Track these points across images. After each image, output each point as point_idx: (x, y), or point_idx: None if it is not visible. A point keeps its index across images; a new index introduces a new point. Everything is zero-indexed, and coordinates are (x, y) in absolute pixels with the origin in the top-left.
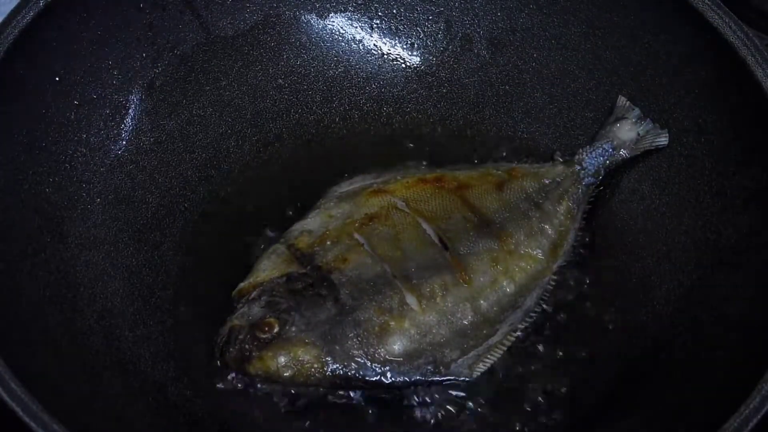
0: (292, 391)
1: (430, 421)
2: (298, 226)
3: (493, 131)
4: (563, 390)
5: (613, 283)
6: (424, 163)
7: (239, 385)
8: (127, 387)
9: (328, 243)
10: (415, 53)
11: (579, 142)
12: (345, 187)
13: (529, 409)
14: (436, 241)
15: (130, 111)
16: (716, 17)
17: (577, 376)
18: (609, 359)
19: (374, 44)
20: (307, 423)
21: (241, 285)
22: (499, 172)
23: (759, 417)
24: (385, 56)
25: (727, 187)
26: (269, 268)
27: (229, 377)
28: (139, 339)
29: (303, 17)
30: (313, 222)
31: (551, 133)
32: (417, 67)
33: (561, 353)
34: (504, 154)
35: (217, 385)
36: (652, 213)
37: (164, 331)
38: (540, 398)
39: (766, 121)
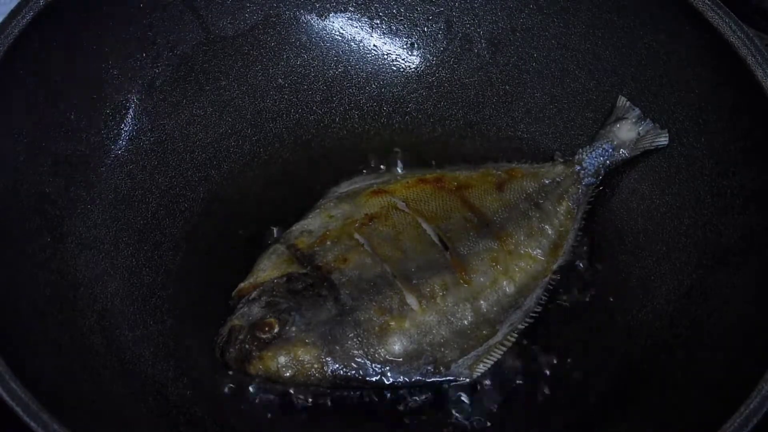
0: (292, 391)
1: (430, 422)
2: (298, 227)
3: (493, 131)
4: (563, 390)
5: (613, 283)
6: (427, 163)
7: (239, 385)
8: (127, 387)
9: (328, 243)
10: (415, 53)
11: (579, 142)
12: (345, 187)
13: (528, 409)
14: (437, 241)
15: (130, 111)
16: (716, 17)
17: (577, 377)
18: (609, 360)
19: (374, 44)
20: (308, 423)
21: (241, 285)
22: (499, 172)
23: (759, 417)
24: (385, 56)
25: (727, 187)
26: (269, 268)
27: (229, 377)
28: (139, 339)
29: (303, 17)
30: (313, 222)
31: (551, 133)
32: (417, 67)
33: (560, 353)
34: (504, 154)
35: (217, 385)
36: (652, 213)
37: (164, 331)
38: (539, 398)
39: (766, 121)
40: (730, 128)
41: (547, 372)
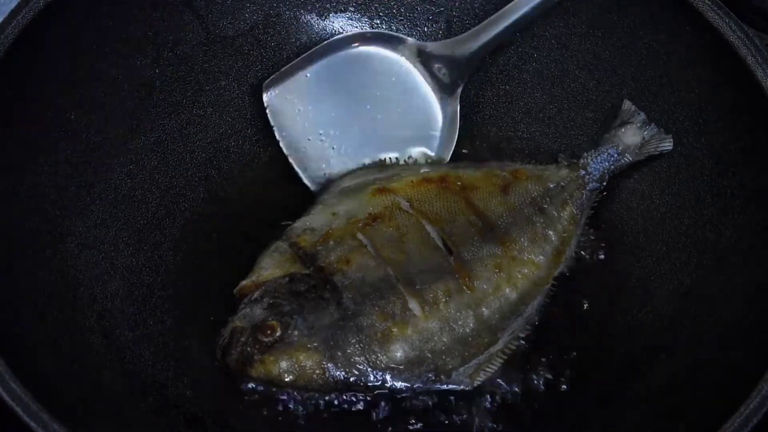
0: (293, 392)
1: (431, 425)
2: (300, 223)
3: (493, 131)
4: (563, 390)
5: (613, 283)
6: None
7: (239, 386)
8: (127, 387)
9: (331, 243)
10: None
11: (579, 142)
12: (348, 181)
13: (527, 409)
14: (440, 244)
15: (130, 111)
16: (716, 17)
17: (577, 376)
18: (609, 359)
19: None
20: (308, 424)
21: (243, 283)
22: (504, 173)
23: (759, 417)
24: None
25: (727, 187)
26: (271, 266)
27: (229, 378)
28: (139, 339)
29: (303, 17)
30: (315, 219)
31: (551, 133)
32: None
33: (560, 353)
34: (504, 154)
35: (217, 386)
36: (652, 213)
37: (164, 331)
38: (539, 399)
39: (766, 121)
40: (730, 128)
41: (547, 372)
